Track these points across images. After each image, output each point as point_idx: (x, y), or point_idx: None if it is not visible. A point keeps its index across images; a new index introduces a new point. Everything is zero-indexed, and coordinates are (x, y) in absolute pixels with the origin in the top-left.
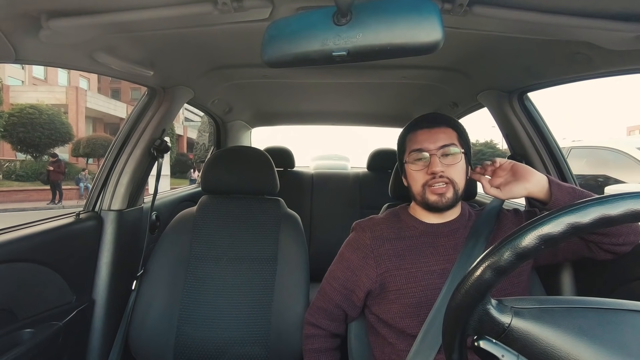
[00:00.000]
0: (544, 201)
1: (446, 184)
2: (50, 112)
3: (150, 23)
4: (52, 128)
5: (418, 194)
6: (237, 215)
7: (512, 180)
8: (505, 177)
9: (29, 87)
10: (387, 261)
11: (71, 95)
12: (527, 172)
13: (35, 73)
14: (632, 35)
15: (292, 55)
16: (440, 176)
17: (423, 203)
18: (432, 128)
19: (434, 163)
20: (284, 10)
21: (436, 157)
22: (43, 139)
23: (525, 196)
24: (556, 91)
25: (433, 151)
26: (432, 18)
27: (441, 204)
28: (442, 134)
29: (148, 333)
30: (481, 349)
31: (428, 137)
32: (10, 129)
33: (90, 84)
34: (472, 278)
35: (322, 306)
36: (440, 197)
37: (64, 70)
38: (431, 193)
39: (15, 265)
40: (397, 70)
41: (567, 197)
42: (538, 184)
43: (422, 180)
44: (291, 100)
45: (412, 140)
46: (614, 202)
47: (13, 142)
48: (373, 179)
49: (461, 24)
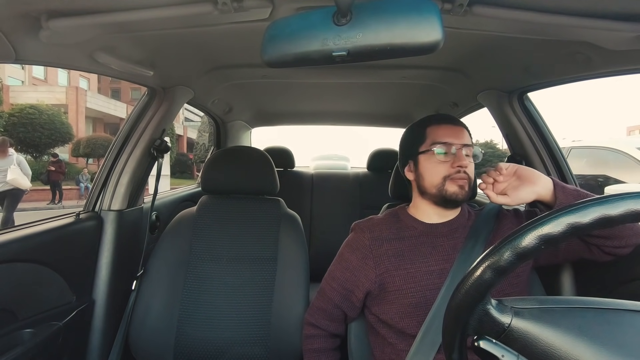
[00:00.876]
0: (549, 204)
1: (466, 180)
2: (50, 112)
3: (150, 23)
4: (52, 128)
5: (434, 186)
6: (237, 215)
7: (518, 184)
8: (511, 181)
9: (29, 87)
10: (386, 261)
11: (71, 95)
12: (533, 175)
13: (35, 73)
14: (632, 35)
15: (292, 55)
16: (464, 171)
17: (438, 196)
18: (456, 126)
19: (462, 157)
20: (284, 10)
21: (462, 152)
22: (43, 139)
23: (534, 200)
24: (556, 91)
25: (459, 146)
26: (432, 18)
27: (461, 197)
28: (463, 133)
29: (148, 333)
30: (481, 349)
31: (453, 132)
32: (10, 129)
33: (90, 84)
34: (472, 278)
35: (321, 306)
36: (461, 190)
37: (64, 70)
38: (453, 184)
39: (15, 265)
40: (397, 70)
41: (572, 200)
42: (545, 186)
43: (444, 172)
44: (291, 100)
45: (435, 132)
46: (614, 202)
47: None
48: (373, 179)
49: (461, 24)
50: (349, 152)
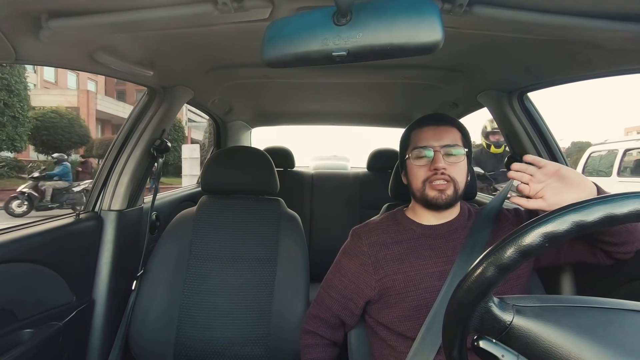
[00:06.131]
0: None
1: (447, 182)
2: (69, 116)
3: (150, 23)
4: (72, 131)
5: (418, 190)
6: (237, 215)
7: (560, 187)
8: (550, 182)
9: (42, 90)
10: (385, 266)
11: (82, 99)
12: (579, 179)
13: (46, 76)
14: (632, 35)
15: (292, 55)
16: (442, 173)
17: (422, 200)
18: (438, 126)
19: (437, 159)
20: (284, 10)
21: (440, 154)
22: (64, 142)
23: None
24: (556, 91)
25: (437, 148)
26: (432, 18)
27: (441, 201)
28: (447, 133)
29: (148, 333)
30: (481, 348)
31: (433, 135)
32: (34, 132)
33: (98, 86)
34: (475, 275)
35: (318, 315)
36: (440, 194)
37: (73, 73)
38: (431, 189)
39: (15, 265)
40: (397, 70)
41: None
42: (591, 193)
43: (423, 176)
44: (291, 100)
45: (416, 136)
46: (620, 202)
47: (36, 144)
48: (373, 179)
49: (461, 24)
50: (349, 152)
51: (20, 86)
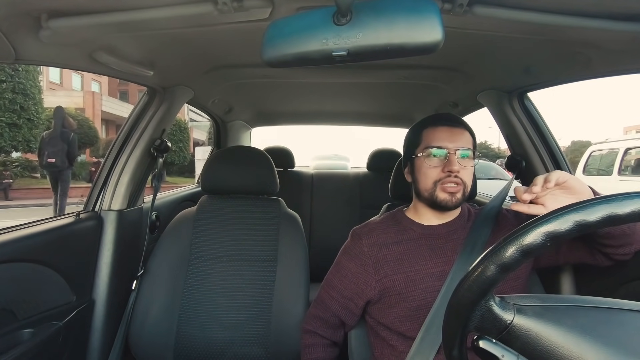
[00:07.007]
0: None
1: (458, 185)
2: (79, 117)
3: (150, 23)
4: (82, 132)
5: (426, 190)
6: (237, 215)
7: (561, 194)
8: (554, 191)
9: (48, 91)
10: (385, 266)
11: (88, 100)
12: (582, 188)
13: (51, 77)
14: (632, 35)
15: (292, 55)
16: (455, 176)
17: (429, 200)
18: (454, 127)
19: (453, 161)
20: (284, 10)
21: (454, 156)
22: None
23: None
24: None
25: (452, 150)
26: (432, 18)
27: (451, 204)
28: (461, 135)
29: (148, 333)
30: (481, 348)
31: (449, 136)
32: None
33: (102, 87)
34: (476, 273)
35: (319, 315)
36: (451, 197)
37: (78, 74)
38: (442, 191)
39: (15, 265)
40: (397, 70)
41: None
42: (589, 197)
43: (435, 177)
44: (291, 100)
45: (430, 135)
46: (622, 201)
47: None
48: (373, 179)
49: (461, 24)
50: (349, 152)
51: (35, 90)
